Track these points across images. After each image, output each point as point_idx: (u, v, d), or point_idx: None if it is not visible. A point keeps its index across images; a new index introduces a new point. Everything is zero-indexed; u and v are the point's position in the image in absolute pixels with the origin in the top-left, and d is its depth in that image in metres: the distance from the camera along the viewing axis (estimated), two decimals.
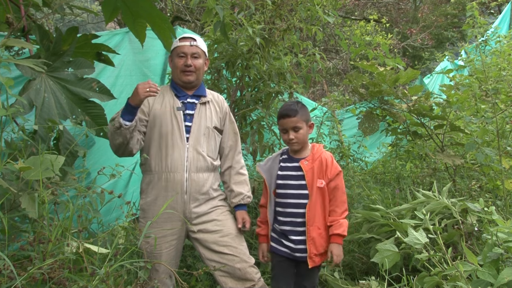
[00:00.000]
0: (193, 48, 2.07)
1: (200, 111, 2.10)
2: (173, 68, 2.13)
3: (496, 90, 3.06)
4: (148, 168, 2.04)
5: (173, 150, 2.00)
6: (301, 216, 2.04)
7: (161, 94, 2.11)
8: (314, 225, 2.02)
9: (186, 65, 2.06)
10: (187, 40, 2.09)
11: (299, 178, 2.07)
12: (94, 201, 1.67)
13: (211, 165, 2.08)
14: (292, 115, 2.04)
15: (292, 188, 2.07)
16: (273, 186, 2.11)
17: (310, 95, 9.56)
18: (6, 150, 1.64)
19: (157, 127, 2.03)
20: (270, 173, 2.14)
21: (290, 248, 2.05)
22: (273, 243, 2.12)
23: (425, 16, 12.63)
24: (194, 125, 2.06)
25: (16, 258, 1.39)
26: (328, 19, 3.08)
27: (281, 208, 2.09)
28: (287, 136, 2.07)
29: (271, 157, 2.21)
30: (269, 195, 2.12)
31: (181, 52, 2.07)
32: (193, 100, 2.12)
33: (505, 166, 2.91)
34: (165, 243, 2.00)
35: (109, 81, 3.08)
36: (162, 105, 2.07)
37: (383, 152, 4.97)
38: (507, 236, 1.83)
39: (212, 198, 2.09)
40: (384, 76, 3.31)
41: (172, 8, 6.27)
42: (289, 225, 2.06)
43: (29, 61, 1.71)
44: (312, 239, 2.01)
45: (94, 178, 1.71)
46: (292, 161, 2.12)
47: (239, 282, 1.98)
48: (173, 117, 2.04)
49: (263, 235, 2.16)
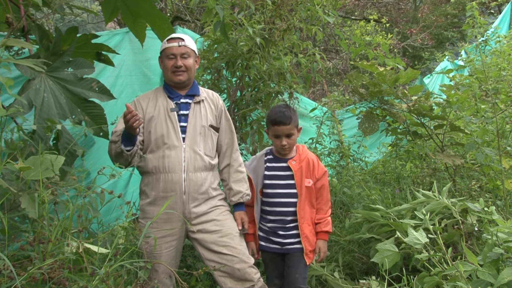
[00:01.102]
0: (181, 48, 2.06)
1: (194, 111, 2.09)
2: (164, 70, 2.12)
3: (496, 90, 3.06)
4: (146, 169, 2.05)
5: (170, 151, 2.00)
6: (291, 214, 2.11)
7: (154, 97, 2.12)
8: (305, 222, 2.11)
9: (176, 66, 2.05)
10: (175, 40, 2.07)
11: (287, 177, 2.13)
12: (94, 201, 1.67)
13: (209, 164, 2.08)
14: (287, 123, 2.07)
15: (280, 187, 2.13)
16: (260, 185, 2.16)
17: (310, 95, 9.56)
18: (6, 150, 1.64)
19: (153, 130, 2.03)
20: (256, 173, 2.19)
21: (280, 243, 2.12)
22: (261, 241, 2.18)
23: (425, 16, 12.63)
24: (190, 125, 2.05)
25: (16, 258, 1.39)
26: (328, 19, 3.08)
27: (269, 207, 2.15)
28: (279, 142, 2.11)
29: (255, 157, 2.25)
30: (256, 194, 2.17)
31: (170, 54, 2.06)
32: (186, 100, 2.11)
33: (505, 166, 2.91)
34: (165, 244, 2.00)
35: (109, 81, 3.08)
36: (155, 108, 2.07)
37: (383, 152, 4.97)
38: (507, 236, 1.83)
39: (211, 198, 2.09)
40: (384, 76, 3.31)
41: (172, 8, 6.26)
42: (278, 223, 2.13)
43: (28, 61, 1.71)
44: (305, 236, 2.09)
45: (94, 178, 1.71)
46: (279, 161, 2.17)
47: (238, 283, 1.98)
48: (167, 118, 2.04)
49: (250, 234, 2.19)
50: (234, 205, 2.17)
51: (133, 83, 3.34)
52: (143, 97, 2.14)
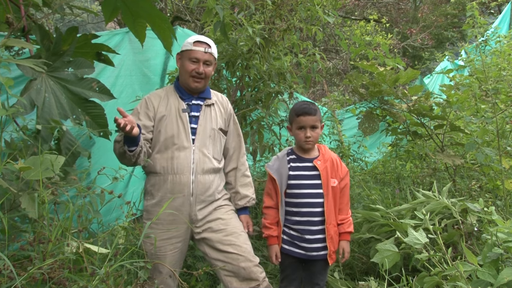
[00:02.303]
0: (206, 55, 2.03)
1: (205, 113, 2.08)
2: (181, 70, 2.07)
3: (496, 90, 3.06)
4: (153, 169, 2.02)
5: (179, 152, 1.98)
6: (318, 215, 2.05)
7: (165, 95, 2.09)
8: (331, 223, 2.06)
9: (197, 72, 2.02)
10: (202, 45, 2.03)
11: (313, 177, 2.08)
12: (94, 201, 1.67)
13: (216, 167, 2.07)
14: (312, 113, 2.06)
15: (306, 187, 2.07)
16: (284, 186, 2.10)
17: (310, 95, 9.56)
18: (6, 150, 1.64)
19: (163, 130, 2.01)
20: (279, 173, 2.12)
21: (305, 248, 2.06)
22: (284, 245, 2.12)
23: (425, 16, 12.63)
24: (200, 127, 2.04)
25: (16, 258, 1.39)
26: (328, 19, 3.08)
27: (295, 208, 2.09)
28: (303, 134, 2.07)
29: (277, 157, 2.19)
30: (280, 196, 2.10)
31: (194, 57, 2.02)
32: (198, 101, 2.09)
33: (505, 166, 2.91)
34: (170, 245, 1.99)
35: (109, 81, 3.08)
36: (167, 108, 2.05)
37: (383, 152, 4.97)
38: (506, 236, 1.83)
39: (216, 200, 2.08)
40: (384, 76, 3.31)
41: (172, 8, 6.27)
42: (305, 225, 2.07)
43: (29, 61, 1.71)
44: (331, 237, 2.06)
45: (94, 178, 1.71)
46: (304, 161, 2.12)
47: (243, 282, 1.96)
48: (178, 119, 2.02)
49: (274, 237, 2.13)
50: (239, 209, 2.16)
51: (133, 83, 3.34)
52: (154, 95, 2.11)
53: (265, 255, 2.94)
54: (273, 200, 2.14)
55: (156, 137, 2.03)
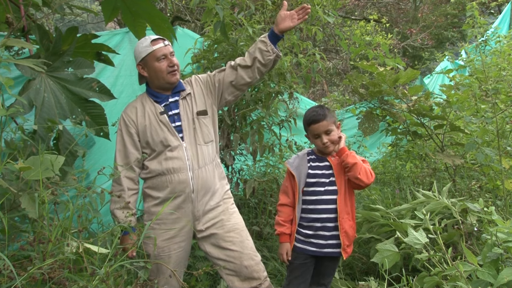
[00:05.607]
0: (168, 47, 2.02)
1: (184, 107, 2.05)
2: (154, 75, 2.01)
3: (496, 90, 3.06)
4: (150, 174, 2.00)
5: (172, 152, 1.97)
6: (333, 211, 2.07)
7: (140, 105, 2.05)
8: (345, 217, 2.06)
9: (171, 65, 2.00)
10: (158, 41, 2.00)
11: (329, 175, 2.10)
12: (94, 201, 1.66)
13: (211, 153, 2.06)
14: (321, 119, 2.06)
15: (322, 185, 2.09)
16: (302, 184, 2.11)
17: (310, 95, 9.55)
18: (6, 150, 1.64)
19: (150, 140, 1.99)
20: (299, 170, 2.13)
21: (319, 245, 2.07)
22: (298, 243, 2.11)
23: (425, 16, 12.63)
24: (184, 123, 2.02)
25: (16, 258, 1.39)
26: (328, 19, 3.08)
27: (311, 206, 2.10)
28: (320, 141, 2.08)
29: (297, 156, 2.21)
30: (298, 193, 2.11)
31: (161, 55, 1.98)
32: (174, 98, 2.06)
33: (505, 166, 2.91)
34: (174, 244, 1.99)
35: (109, 81, 3.08)
36: (145, 117, 2.01)
37: (383, 152, 4.97)
38: (506, 236, 1.83)
39: (217, 191, 2.06)
40: (384, 76, 3.31)
41: (172, 8, 6.27)
42: (320, 222, 2.08)
43: (29, 61, 1.71)
44: (345, 232, 2.05)
45: (94, 178, 1.71)
46: (322, 160, 2.15)
47: (245, 281, 1.96)
48: (160, 123, 1.99)
49: (287, 234, 2.13)
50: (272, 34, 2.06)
51: (133, 83, 3.34)
52: (130, 108, 2.06)
53: (265, 255, 2.94)
54: (289, 198, 2.15)
55: (147, 147, 2.01)
